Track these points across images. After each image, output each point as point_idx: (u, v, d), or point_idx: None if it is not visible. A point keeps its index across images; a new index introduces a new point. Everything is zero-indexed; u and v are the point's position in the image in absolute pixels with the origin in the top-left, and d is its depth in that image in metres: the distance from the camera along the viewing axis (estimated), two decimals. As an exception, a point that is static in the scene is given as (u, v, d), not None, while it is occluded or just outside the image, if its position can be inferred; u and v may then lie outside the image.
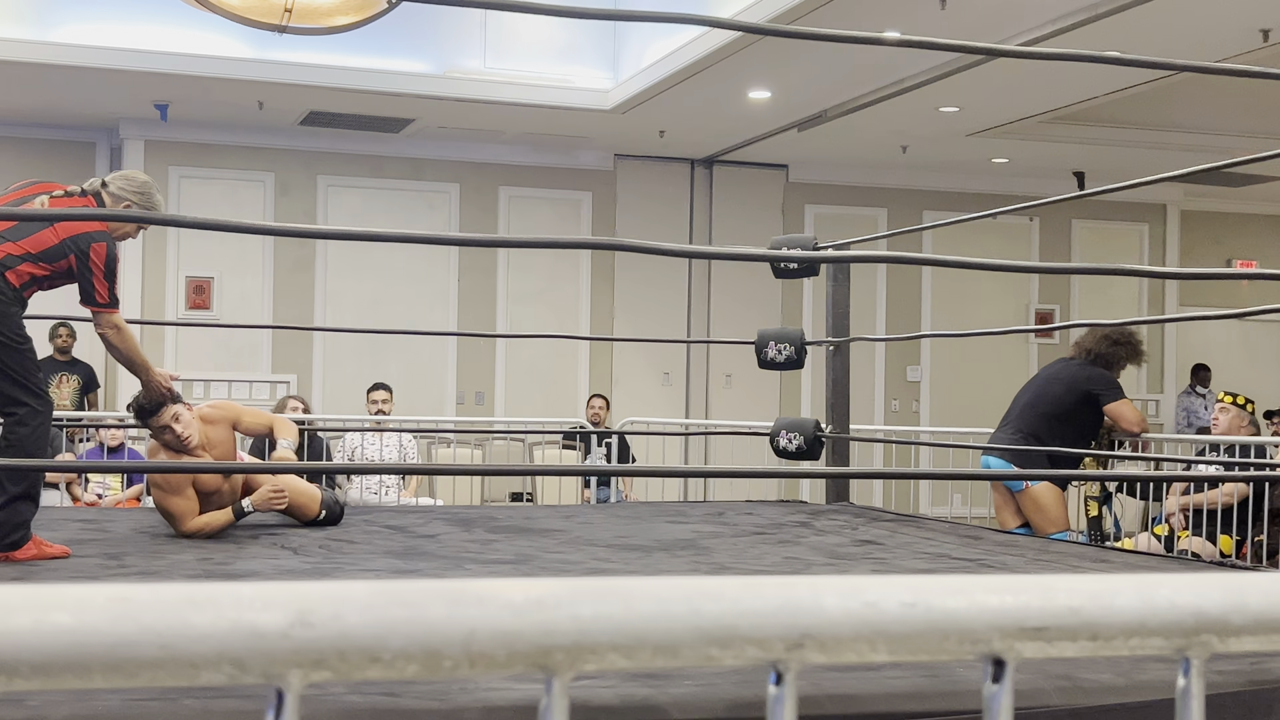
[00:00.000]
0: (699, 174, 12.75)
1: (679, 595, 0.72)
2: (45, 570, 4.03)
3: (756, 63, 9.11)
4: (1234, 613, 0.79)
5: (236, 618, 0.64)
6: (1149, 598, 0.78)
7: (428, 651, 0.67)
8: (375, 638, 0.66)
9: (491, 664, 0.69)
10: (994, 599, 0.76)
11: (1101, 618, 0.77)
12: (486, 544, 4.88)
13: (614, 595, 0.71)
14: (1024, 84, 9.64)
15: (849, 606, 0.73)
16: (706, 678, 2.50)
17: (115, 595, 0.63)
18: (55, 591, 0.64)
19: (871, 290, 12.95)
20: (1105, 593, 0.78)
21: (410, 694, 2.34)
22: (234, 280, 11.61)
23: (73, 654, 0.62)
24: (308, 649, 0.66)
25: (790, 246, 5.96)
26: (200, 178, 11.51)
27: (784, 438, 6.15)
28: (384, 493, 9.12)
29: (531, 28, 10.42)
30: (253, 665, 0.65)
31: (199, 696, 2.25)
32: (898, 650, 0.74)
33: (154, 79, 9.87)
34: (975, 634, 0.75)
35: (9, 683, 0.62)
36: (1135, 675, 2.62)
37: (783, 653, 0.73)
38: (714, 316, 12.63)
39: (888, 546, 4.95)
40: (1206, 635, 0.80)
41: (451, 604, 0.68)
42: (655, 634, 0.70)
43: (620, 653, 0.70)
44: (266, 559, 4.37)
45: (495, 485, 10.63)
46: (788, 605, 0.72)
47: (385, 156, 11.92)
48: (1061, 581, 0.78)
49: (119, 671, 0.62)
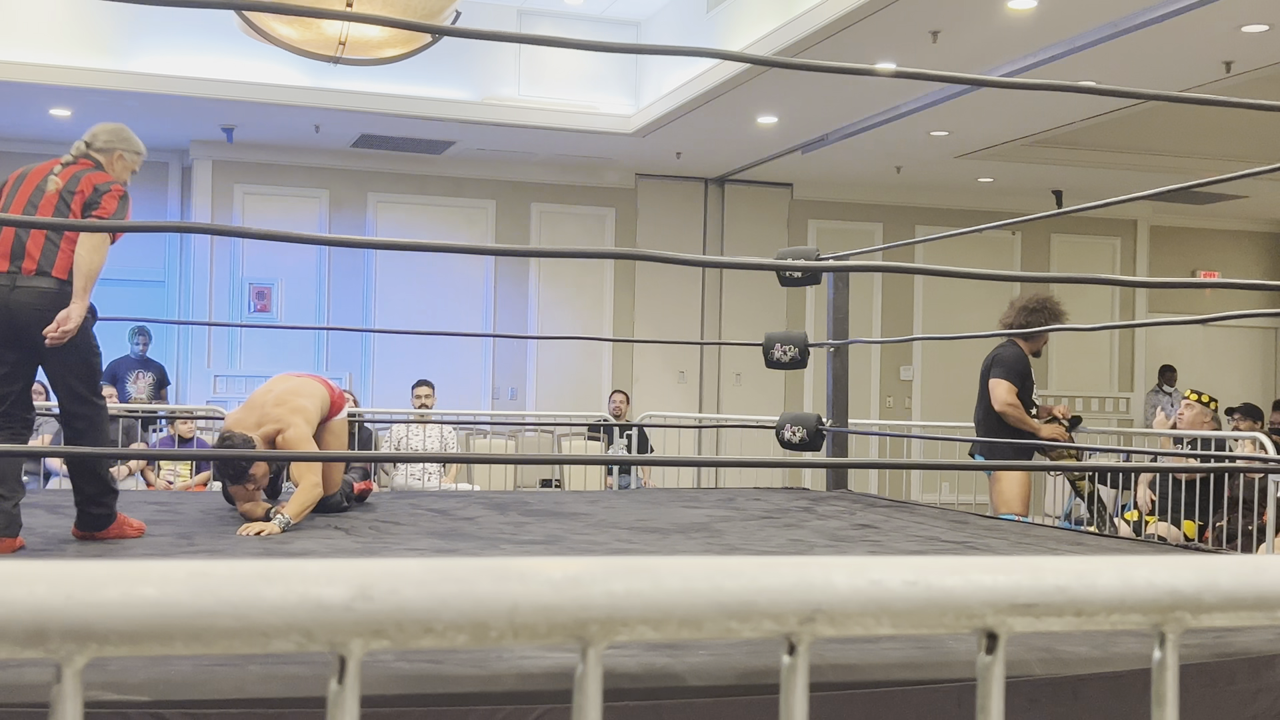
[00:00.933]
0: (712, 191, 12.75)
1: (702, 573, 0.72)
2: (125, 548, 4.04)
3: (764, 91, 9.11)
4: (1206, 591, 0.79)
5: (304, 591, 0.64)
6: (1128, 577, 0.78)
7: (475, 623, 0.67)
8: (429, 610, 0.66)
9: (533, 634, 0.69)
10: (988, 578, 0.75)
11: (1085, 595, 0.76)
12: (520, 526, 4.88)
13: (644, 572, 0.70)
14: (1007, 111, 9.62)
15: (856, 584, 0.73)
16: (720, 648, 2.49)
17: (195, 571, 0.64)
18: (141, 567, 0.64)
19: (868, 297, 12.93)
20: (1089, 572, 0.77)
21: (452, 661, 2.34)
22: (292, 286, 11.64)
23: (157, 624, 0.62)
24: (368, 620, 0.66)
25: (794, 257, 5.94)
26: (262, 194, 11.54)
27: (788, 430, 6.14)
28: (427, 479, 9.13)
29: (561, 60, 10.43)
30: (319, 634, 0.65)
31: (263, 662, 2.26)
32: (900, 624, 0.74)
33: (221, 105, 9.91)
34: (971, 610, 0.75)
35: (100, 649, 0.62)
36: (1110, 648, 2.61)
37: (796, 626, 0.73)
38: (725, 320, 12.62)
39: (883, 530, 4.94)
40: (1180, 612, 0.79)
41: (497, 580, 0.68)
42: (681, 608, 0.70)
43: (649, 625, 0.70)
44: (321, 539, 4.38)
45: (527, 472, 10.64)
46: (801, 582, 0.72)
47: (429, 175, 11.94)
48: (1049, 562, 0.78)
49: (198, 640, 0.63)
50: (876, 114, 9.74)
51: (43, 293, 3.88)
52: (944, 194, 12.99)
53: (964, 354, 13.13)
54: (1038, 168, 11.67)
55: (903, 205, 13.11)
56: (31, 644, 0.61)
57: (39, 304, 3.87)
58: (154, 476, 8.65)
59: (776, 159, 11.46)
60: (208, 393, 11.15)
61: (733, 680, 2.36)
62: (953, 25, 7.50)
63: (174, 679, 2.17)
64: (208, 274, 11.35)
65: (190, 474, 8.59)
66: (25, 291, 3.87)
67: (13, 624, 0.60)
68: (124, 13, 9.49)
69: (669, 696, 2.31)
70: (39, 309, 3.86)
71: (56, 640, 0.61)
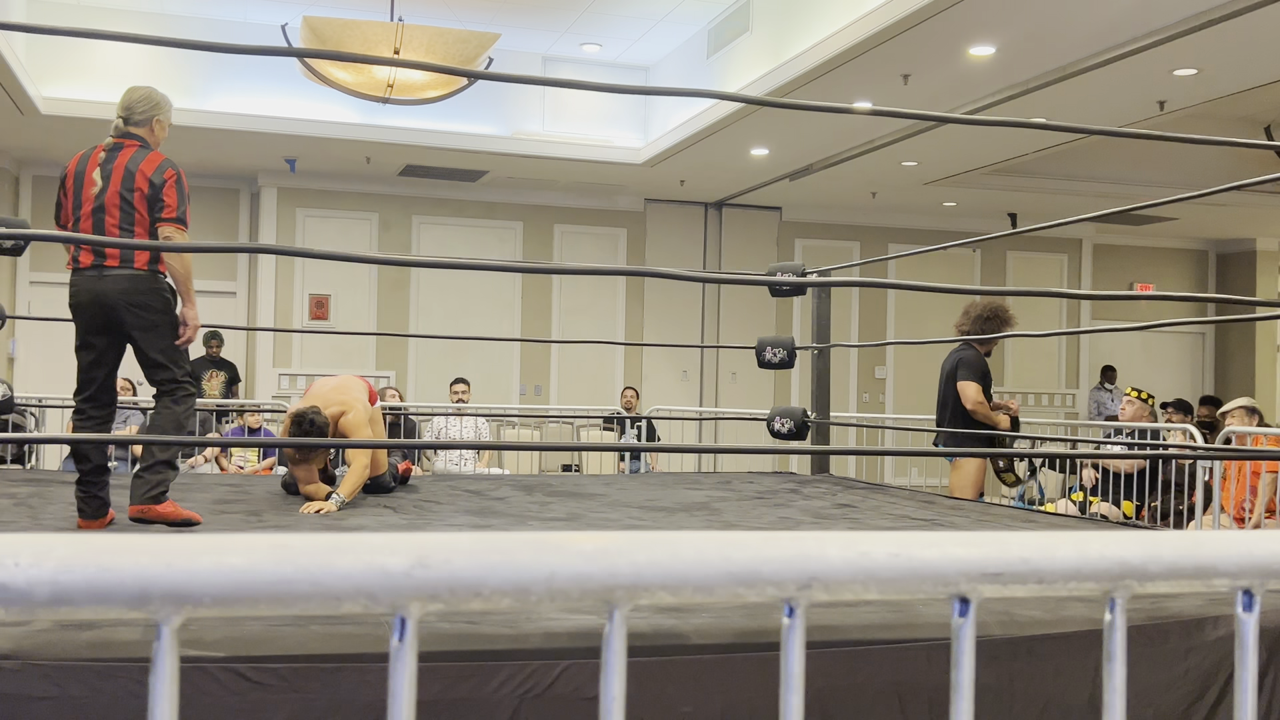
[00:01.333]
0: (711, 214, 12.73)
1: (713, 546, 0.72)
2: (205, 525, 4.02)
3: (757, 127, 9.10)
4: (1151, 563, 0.79)
5: (370, 560, 0.65)
6: (1084, 550, 0.78)
7: (518, 589, 0.67)
8: (477, 578, 0.66)
9: (567, 599, 0.69)
10: (961, 550, 0.75)
11: (1046, 565, 0.76)
12: (544, 505, 4.88)
13: (663, 545, 0.70)
14: (969, 144, 9.60)
15: (847, 555, 0.73)
16: (720, 611, 2.49)
17: (276, 543, 0.64)
18: (229, 539, 0.64)
19: (847, 307, 12.91)
20: (1049, 546, 0.77)
21: (487, 622, 2.33)
22: (346, 297, 11.65)
23: (243, 589, 0.62)
24: (425, 586, 0.66)
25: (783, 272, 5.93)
26: (320, 216, 11.55)
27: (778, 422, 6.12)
28: (463, 464, 9.13)
29: (580, 100, 10.44)
30: (382, 598, 0.65)
31: (323, 622, 2.26)
32: (885, 590, 0.74)
33: (285, 139, 9.92)
34: (946, 578, 0.75)
35: (194, 611, 0.62)
36: (1060, 612, 2.61)
37: (795, 592, 0.73)
38: (722, 326, 12.61)
39: (860, 509, 4.93)
40: (1129, 580, 0.79)
41: (536, 551, 0.68)
42: (695, 576, 0.70)
43: (668, 590, 0.70)
44: (373, 516, 4.38)
45: (550, 458, 10.64)
46: (799, 554, 0.72)
47: (465, 200, 11.94)
48: (1014, 537, 0.78)
49: (279, 603, 0.63)
50: (855, 146, 9.73)
51: (130, 278, 3.77)
52: (913, 216, 12.97)
53: (931, 356, 13.10)
54: (995, 193, 11.65)
55: (877, 226, 13.08)
56: (136, 606, 0.61)
57: (126, 289, 3.76)
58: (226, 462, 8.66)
59: (768, 185, 11.45)
60: (273, 389, 11.16)
61: (731, 639, 2.36)
62: (922, 69, 7.49)
63: (245, 637, 2.16)
64: (273, 286, 11.36)
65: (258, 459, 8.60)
66: (113, 279, 3.76)
67: (120, 589, 0.61)
68: (200, 59, 9.51)
69: (676, 654, 2.31)
70: (126, 293, 3.76)
71: (157, 603, 0.61)
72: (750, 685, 2.32)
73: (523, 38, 9.76)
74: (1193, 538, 0.82)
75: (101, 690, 2.05)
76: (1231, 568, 0.81)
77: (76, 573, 0.60)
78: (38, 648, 2.07)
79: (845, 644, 2.41)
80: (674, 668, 2.29)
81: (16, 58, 8.17)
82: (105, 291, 3.76)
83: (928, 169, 10.59)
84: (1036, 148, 9.62)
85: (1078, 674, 2.54)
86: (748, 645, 2.35)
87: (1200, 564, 0.81)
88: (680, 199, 12.38)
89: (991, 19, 6.57)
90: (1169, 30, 6.58)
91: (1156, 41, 6.73)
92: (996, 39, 6.92)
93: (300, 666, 2.14)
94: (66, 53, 9.13)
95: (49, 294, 10.63)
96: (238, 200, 11.68)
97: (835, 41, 7.17)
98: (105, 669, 2.06)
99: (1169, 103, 8.08)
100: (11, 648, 2.06)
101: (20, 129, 9.56)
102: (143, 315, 3.78)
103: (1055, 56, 7.19)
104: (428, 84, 7.12)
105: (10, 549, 0.59)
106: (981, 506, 5.27)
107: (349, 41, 6.59)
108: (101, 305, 3.77)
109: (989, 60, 7.28)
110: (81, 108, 9.13)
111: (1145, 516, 6.90)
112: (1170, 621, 2.65)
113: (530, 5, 9.10)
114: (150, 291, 3.80)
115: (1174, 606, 2.70)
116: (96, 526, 3.82)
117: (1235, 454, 5.71)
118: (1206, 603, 2.73)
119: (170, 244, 3.31)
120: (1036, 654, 2.51)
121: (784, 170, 10.75)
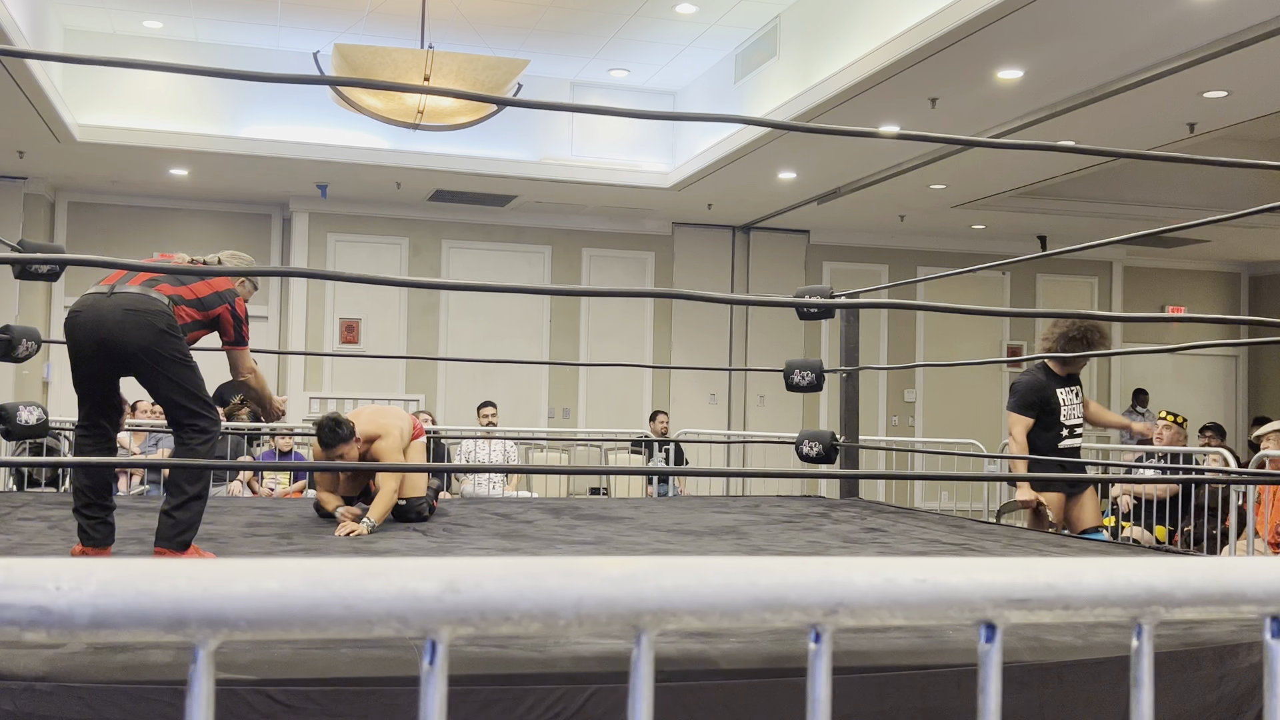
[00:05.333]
0: (739, 238, 12.75)
1: (740, 571, 0.72)
2: (237, 548, 4.05)
3: (784, 151, 9.12)
4: (1178, 589, 0.79)
5: (402, 585, 0.65)
6: (1110, 576, 0.78)
7: (547, 613, 0.68)
8: (507, 602, 0.67)
9: (595, 623, 0.69)
10: (987, 576, 0.76)
11: (1073, 592, 0.76)
12: (572, 528, 4.88)
13: (690, 571, 0.71)
14: (997, 167, 9.58)
15: (874, 581, 0.73)
16: (748, 637, 2.48)
17: (310, 567, 0.65)
18: (264, 564, 0.65)
19: (876, 329, 12.87)
20: (1075, 571, 0.77)
21: (515, 646, 2.34)
22: (376, 321, 11.72)
23: (278, 613, 0.63)
24: (455, 610, 0.66)
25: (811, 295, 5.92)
26: (351, 241, 11.65)
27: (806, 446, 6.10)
28: (491, 487, 9.15)
29: (608, 125, 10.49)
30: (414, 622, 0.66)
31: (353, 646, 2.27)
32: (911, 616, 0.74)
33: (316, 166, 10.02)
34: (972, 604, 0.75)
35: (230, 635, 0.63)
36: (1091, 638, 2.59)
37: (821, 617, 0.73)
38: (750, 350, 12.59)
39: (890, 533, 4.90)
40: (1156, 606, 0.79)
41: (564, 576, 0.69)
42: (722, 601, 0.71)
43: (695, 616, 0.71)
44: (403, 539, 4.39)
45: (578, 482, 10.64)
46: (826, 580, 0.73)
47: (494, 224, 12.01)
48: (1040, 563, 0.78)
49: (313, 626, 0.64)
50: (883, 169, 9.73)
51: (142, 296, 3.54)
52: (942, 239, 12.94)
53: (960, 379, 13.06)
54: (1025, 216, 11.61)
55: (906, 249, 13.06)
56: (173, 630, 0.62)
57: (132, 304, 3.51)
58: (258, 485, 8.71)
59: (795, 209, 11.46)
60: (304, 412, 11.23)
61: (760, 664, 2.35)
62: (949, 93, 7.49)
63: (276, 660, 2.18)
64: (304, 310, 11.45)
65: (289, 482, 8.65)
66: (123, 295, 3.51)
67: (158, 613, 0.62)
68: (233, 86, 9.62)
69: (704, 679, 2.31)
70: (130, 310, 3.50)
71: (194, 626, 0.62)
72: (779, 711, 2.31)
73: (551, 64, 9.82)
74: (1220, 564, 0.81)
75: (134, 712, 2.07)
76: (1260, 594, 0.80)
77: (116, 597, 0.61)
78: (72, 670, 2.09)
79: (873, 670, 2.39)
80: (702, 693, 2.29)
81: (54, 86, 8.30)
82: (110, 307, 3.50)
83: (956, 192, 10.57)
84: (1066, 170, 9.59)
85: (1109, 701, 2.52)
86: (776, 670, 2.34)
87: (1228, 590, 0.80)
88: (708, 222, 12.40)
89: (1019, 42, 6.57)
90: (1199, 52, 6.56)
91: (1186, 64, 6.71)
92: (1024, 62, 6.92)
93: (330, 689, 2.15)
94: (102, 81, 9.27)
95: (84, 318, 10.75)
96: (270, 225, 11.80)
97: (863, 65, 7.19)
98: (138, 691, 2.08)
99: (1199, 125, 8.04)
100: (46, 670, 2.08)
101: (57, 156, 9.70)
102: (151, 336, 3.50)
103: (1084, 79, 7.18)
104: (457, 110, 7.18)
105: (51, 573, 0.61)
106: (1012, 531, 5.23)
107: (380, 68, 6.66)
108: (100, 323, 3.49)
109: (1017, 83, 7.27)
110: (116, 134, 9.26)
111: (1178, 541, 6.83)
112: (1203, 648, 2.62)
113: (559, 32, 9.17)
114: (159, 314, 3.54)
115: (1206, 633, 2.67)
116: (95, 555, 3.59)
117: (1269, 478, 5.65)
118: (1240, 629, 2.70)
119: (210, 268, 3.11)
120: (1067, 681, 2.49)
121: (812, 193, 10.75)
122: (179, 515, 3.55)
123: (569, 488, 10.42)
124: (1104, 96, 7.35)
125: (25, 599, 0.60)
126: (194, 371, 3.63)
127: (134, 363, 3.54)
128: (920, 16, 6.60)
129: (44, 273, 4.95)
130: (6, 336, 5.12)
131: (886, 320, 13.05)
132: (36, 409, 4.83)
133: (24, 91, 7.92)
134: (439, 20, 8.55)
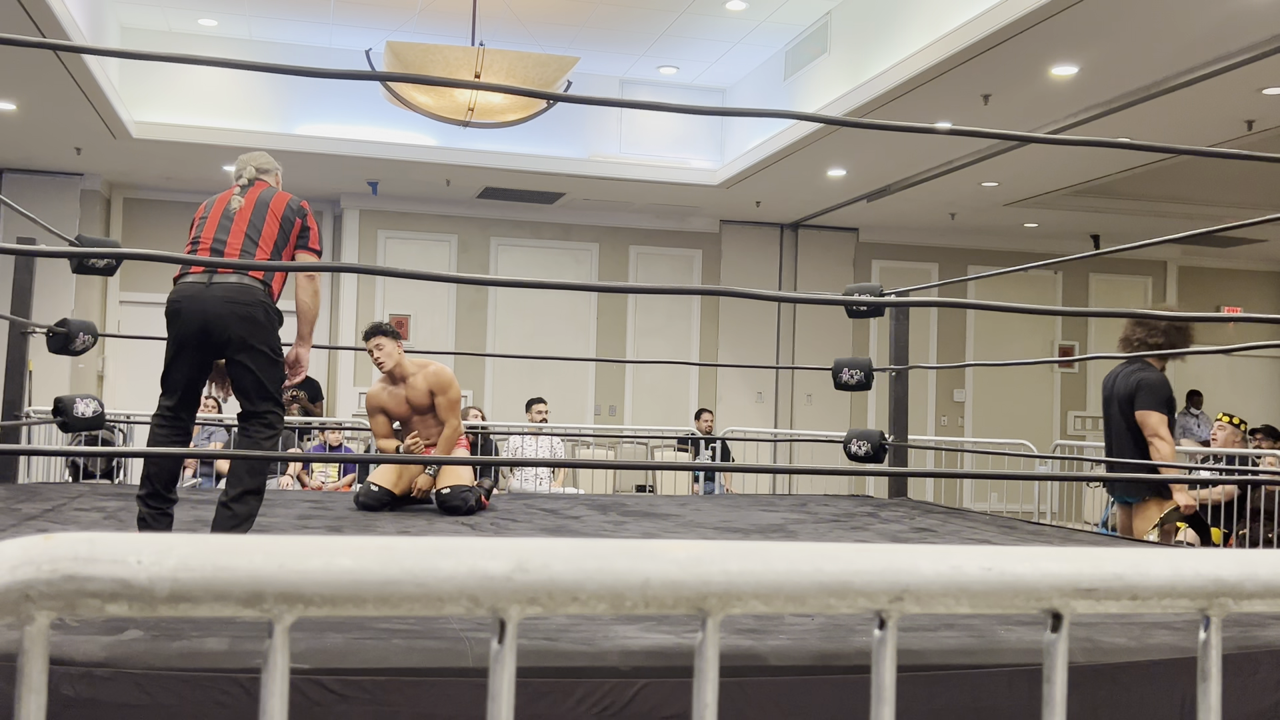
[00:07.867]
0: (787, 235, 12.71)
1: (805, 556, 0.72)
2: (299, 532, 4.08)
3: (834, 148, 9.08)
4: (1247, 580, 0.78)
5: (473, 564, 0.66)
6: (1178, 567, 0.77)
7: (614, 594, 0.69)
8: (575, 582, 0.68)
9: (661, 605, 0.70)
10: (1054, 565, 0.75)
11: (1140, 581, 0.76)
12: (619, 524, 4.88)
13: (755, 555, 0.71)
14: (1050, 164, 9.48)
15: (939, 569, 0.73)
16: (797, 633, 2.48)
17: (384, 545, 0.66)
18: (339, 541, 0.66)
19: (925, 328, 12.79)
20: (1143, 562, 0.77)
21: (565, 639, 2.35)
22: (426, 317, 11.81)
23: (352, 589, 0.64)
24: (525, 589, 0.67)
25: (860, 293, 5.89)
26: (401, 238, 11.74)
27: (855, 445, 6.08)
28: (539, 483, 9.19)
29: (656, 122, 10.49)
30: (484, 600, 0.67)
31: (405, 636, 2.29)
32: (977, 604, 0.74)
33: (367, 163, 10.11)
34: (1039, 593, 0.75)
35: (305, 610, 0.64)
36: (1145, 639, 2.56)
37: (886, 604, 0.73)
38: (798, 348, 12.55)
39: (939, 533, 4.87)
40: (1224, 598, 0.79)
41: (631, 558, 0.69)
42: (788, 586, 0.71)
43: (760, 599, 0.71)
44: (451, 534, 4.42)
45: (624, 478, 10.66)
46: (891, 566, 0.73)
47: (542, 222, 12.05)
48: (1108, 552, 0.77)
49: (386, 603, 0.65)
50: (934, 167, 9.66)
51: (240, 287, 3.60)
52: (993, 237, 12.82)
53: (1010, 378, 12.95)
54: (1077, 214, 11.48)
55: (956, 247, 12.96)
56: (250, 604, 0.63)
57: (234, 296, 3.58)
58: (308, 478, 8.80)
59: (844, 207, 11.40)
60: (354, 407, 11.34)
61: (810, 661, 2.35)
62: (1002, 89, 7.42)
63: (329, 649, 2.20)
64: (354, 306, 11.56)
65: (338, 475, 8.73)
66: (222, 286, 3.58)
67: (236, 587, 0.63)
68: (285, 84, 9.73)
69: (754, 674, 2.31)
70: (233, 301, 3.58)
71: (271, 601, 0.63)
72: (828, 707, 2.31)
73: (601, 61, 9.84)
74: (1290, 556, 0.81)
75: (189, 699, 2.11)
76: (1331, 587, 0.79)
77: (195, 571, 0.62)
78: (130, 656, 2.13)
79: (924, 668, 2.38)
80: (752, 689, 2.29)
81: (110, 83, 8.43)
82: (212, 299, 3.58)
83: (1008, 190, 10.47)
84: (1120, 168, 9.47)
85: (1163, 704, 2.49)
86: (826, 668, 2.34)
87: (1299, 583, 0.79)
88: (756, 220, 12.38)
89: (1074, 38, 6.50)
90: (1257, 48, 6.46)
91: (1244, 60, 6.60)
92: (1079, 58, 6.84)
93: (382, 679, 2.17)
94: (158, 79, 9.40)
95: (138, 313, 10.93)
96: (321, 222, 11.91)
97: (915, 62, 7.14)
98: (193, 678, 2.12)
99: (1257, 122, 7.91)
100: (105, 656, 2.12)
101: (112, 152, 9.86)
102: (250, 328, 3.59)
103: (1139, 76, 7.09)
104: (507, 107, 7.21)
105: (133, 547, 0.62)
106: (1065, 531, 5.18)
107: (431, 66, 6.70)
108: (204, 313, 3.57)
109: (1071, 80, 7.19)
110: (171, 131, 9.39)
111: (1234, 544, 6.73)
112: (1260, 650, 2.59)
113: (608, 29, 9.18)
114: (258, 304, 3.61)
115: (1264, 635, 2.63)
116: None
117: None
118: (1301, 632, 2.65)
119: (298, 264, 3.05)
120: (1120, 683, 2.47)
121: (861, 191, 10.70)
122: (236, 508, 3.60)
123: (615, 484, 10.43)
124: (1160, 93, 7.26)
125: (108, 572, 0.61)
126: (279, 368, 3.74)
127: (228, 350, 3.64)
128: (974, 12, 6.54)
129: (101, 267, 5.04)
130: (64, 330, 5.21)
131: (936, 319, 12.95)
132: (93, 401, 4.92)
133: (82, 89, 8.06)
134: (490, 18, 8.60)
